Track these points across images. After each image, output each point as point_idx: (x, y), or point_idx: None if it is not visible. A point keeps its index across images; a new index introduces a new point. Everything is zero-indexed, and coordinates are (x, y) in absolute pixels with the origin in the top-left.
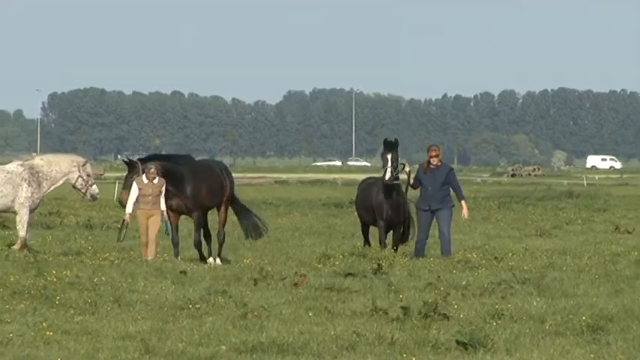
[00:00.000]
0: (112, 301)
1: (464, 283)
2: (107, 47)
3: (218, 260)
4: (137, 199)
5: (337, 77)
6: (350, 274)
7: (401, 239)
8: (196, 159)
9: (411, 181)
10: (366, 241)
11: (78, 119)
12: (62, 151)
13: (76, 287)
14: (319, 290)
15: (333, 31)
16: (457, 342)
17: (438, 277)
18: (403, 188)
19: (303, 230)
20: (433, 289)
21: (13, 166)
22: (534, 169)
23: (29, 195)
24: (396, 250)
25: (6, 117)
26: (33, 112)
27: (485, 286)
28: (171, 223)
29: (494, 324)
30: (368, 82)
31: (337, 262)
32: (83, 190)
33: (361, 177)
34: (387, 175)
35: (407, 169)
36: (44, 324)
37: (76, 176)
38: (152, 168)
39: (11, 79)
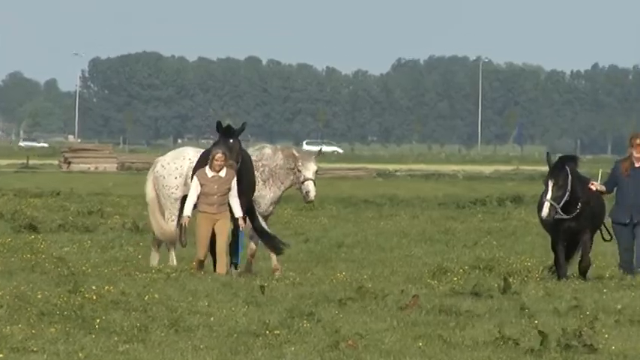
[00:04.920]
0: (168, 326)
1: (618, 306)
2: (165, 2)
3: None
4: (198, 198)
5: (459, 43)
6: (472, 293)
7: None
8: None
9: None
10: (558, 260)
11: (127, 93)
12: (106, 132)
13: (121, 307)
14: (432, 314)
15: None
16: None
17: (576, 298)
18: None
19: (413, 236)
20: (577, 313)
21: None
22: None
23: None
24: (584, 271)
25: (35, 89)
26: (69, 82)
27: None
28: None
29: None
30: (498, 48)
31: (456, 278)
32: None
33: (489, 169)
34: (544, 212)
35: (596, 186)
36: (80, 354)
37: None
38: (218, 153)
39: (43, 41)
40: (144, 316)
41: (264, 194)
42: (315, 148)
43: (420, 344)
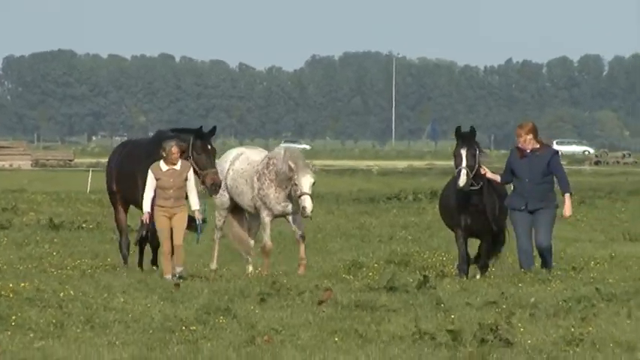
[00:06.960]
0: (83, 322)
1: (533, 300)
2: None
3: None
4: (155, 193)
5: (372, 38)
6: (388, 288)
7: (492, 251)
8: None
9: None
10: (463, 256)
11: (41, 90)
12: (20, 129)
13: (36, 304)
14: (348, 309)
15: None
16: None
17: (502, 293)
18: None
19: (328, 231)
20: (493, 307)
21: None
22: (623, 156)
23: (255, 193)
24: (482, 268)
25: None
26: None
27: (561, 303)
28: (200, 225)
29: (572, 352)
30: (411, 44)
31: (371, 273)
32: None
33: (402, 165)
34: (462, 180)
35: (484, 171)
36: None
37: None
38: (173, 146)
39: None
40: (59, 312)
41: (269, 193)
42: None
43: (336, 339)
